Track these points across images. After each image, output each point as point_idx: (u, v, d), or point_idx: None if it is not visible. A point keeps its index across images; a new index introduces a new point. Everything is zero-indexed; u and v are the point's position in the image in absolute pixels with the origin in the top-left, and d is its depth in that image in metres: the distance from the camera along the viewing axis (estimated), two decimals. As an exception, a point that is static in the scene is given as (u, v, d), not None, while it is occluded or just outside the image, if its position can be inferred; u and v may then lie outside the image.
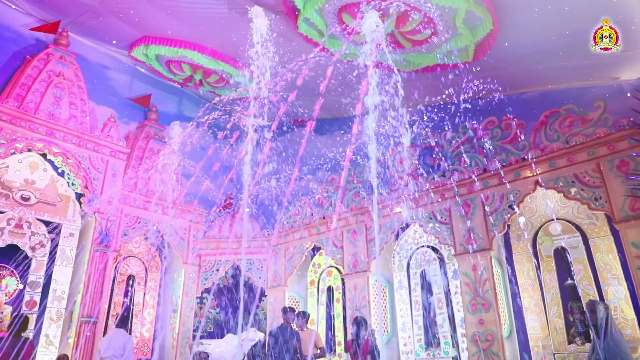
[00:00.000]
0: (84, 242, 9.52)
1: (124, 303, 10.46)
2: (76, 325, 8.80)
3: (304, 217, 10.64)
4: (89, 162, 9.55)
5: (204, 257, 11.27)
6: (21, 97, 8.99)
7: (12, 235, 8.82)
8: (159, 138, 11.38)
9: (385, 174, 9.47)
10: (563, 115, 7.39)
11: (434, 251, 8.91)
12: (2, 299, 8.68)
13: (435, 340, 8.44)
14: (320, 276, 10.69)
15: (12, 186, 9.04)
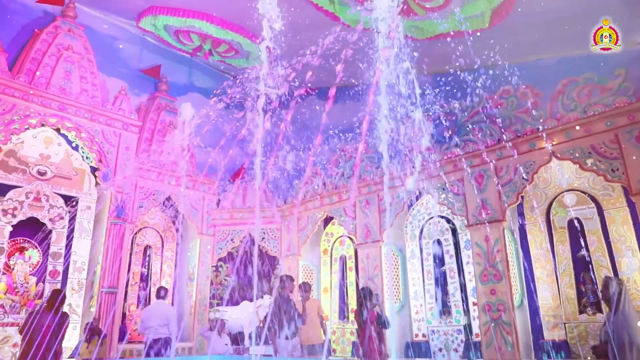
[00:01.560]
0: (101, 215, 9.71)
1: (142, 273, 10.75)
2: (97, 295, 9.11)
3: (317, 187, 10.68)
4: (102, 136, 9.61)
5: (219, 227, 11.45)
6: (32, 72, 8.99)
7: (32, 209, 9.03)
8: (170, 109, 11.36)
9: (398, 144, 9.38)
10: (582, 84, 7.17)
11: (446, 221, 8.92)
12: (26, 270, 8.98)
13: (447, 308, 8.57)
14: (333, 245, 10.82)
15: (28, 161, 9.18)
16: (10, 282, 8.72)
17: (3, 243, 8.60)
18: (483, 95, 8.23)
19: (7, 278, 8.69)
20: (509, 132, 7.69)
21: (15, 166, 9.02)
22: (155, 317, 7.39)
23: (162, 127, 11.13)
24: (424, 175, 8.67)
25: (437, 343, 8.42)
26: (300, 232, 10.78)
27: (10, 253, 8.81)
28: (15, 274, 8.80)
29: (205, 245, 11.12)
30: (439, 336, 8.44)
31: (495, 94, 8.09)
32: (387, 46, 6.44)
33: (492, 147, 7.86)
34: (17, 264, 8.87)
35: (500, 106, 7.96)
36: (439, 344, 8.39)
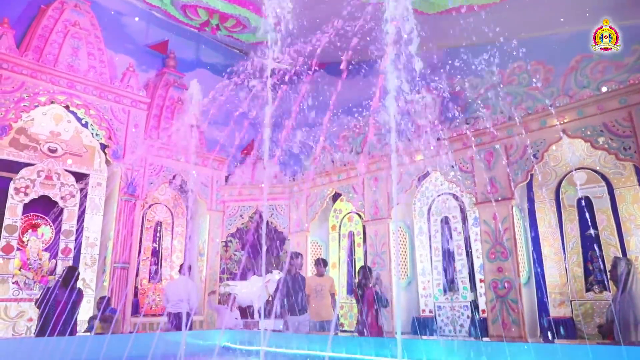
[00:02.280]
0: (112, 191, 9.82)
1: (153, 248, 10.93)
2: (109, 269, 9.30)
3: (325, 164, 10.68)
4: (111, 113, 9.63)
5: (228, 204, 11.54)
6: (39, 49, 8.97)
7: (43, 187, 9.15)
8: (178, 85, 11.32)
9: (407, 121, 9.30)
10: (596, 60, 7.00)
11: (454, 199, 8.91)
12: (39, 246, 9.17)
13: (454, 285, 8.64)
14: (342, 221, 10.88)
15: (38, 139, 9.25)
16: (24, 258, 8.93)
17: (16, 221, 8.76)
18: (494, 71, 8.09)
19: (21, 254, 8.89)
20: (520, 109, 7.58)
21: (26, 144, 9.11)
22: (176, 292, 7.66)
23: (171, 103, 11.11)
24: (432, 152, 8.62)
25: (444, 319, 8.53)
26: (308, 209, 10.84)
27: (24, 229, 8.99)
28: (28, 250, 9.00)
29: (214, 221, 11.25)
30: (445, 312, 8.55)
31: (506, 71, 7.94)
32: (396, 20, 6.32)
33: (502, 125, 7.76)
34: (30, 240, 9.06)
35: (511, 83, 7.82)
36: (445, 319, 8.50)
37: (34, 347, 4.94)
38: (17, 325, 8.42)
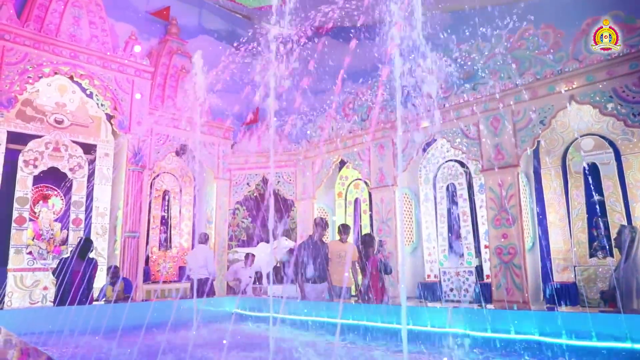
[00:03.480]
0: (119, 162, 9.90)
1: (162, 217, 11.11)
2: (120, 238, 9.50)
3: (331, 131, 10.65)
4: (115, 83, 9.58)
5: (234, 172, 11.62)
6: (40, 19, 8.85)
7: (52, 158, 9.23)
8: (181, 53, 11.19)
9: (413, 87, 9.19)
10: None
11: (460, 165, 8.91)
12: (51, 217, 9.34)
13: (459, 251, 8.77)
14: (348, 188, 10.95)
15: (45, 110, 9.26)
16: (36, 228, 9.12)
17: (27, 193, 8.89)
18: (502, 35, 7.92)
19: (34, 225, 9.08)
20: (528, 74, 7.46)
21: (32, 115, 9.13)
22: (195, 260, 8.00)
23: (175, 71, 11.02)
24: (438, 119, 8.57)
25: (448, 284, 8.70)
26: (315, 176, 10.90)
27: (35, 201, 9.14)
28: (40, 221, 9.18)
29: (221, 189, 11.36)
30: (450, 277, 8.71)
31: (515, 35, 7.76)
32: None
33: (508, 91, 7.66)
34: (41, 211, 9.22)
35: (519, 47, 7.66)
36: (450, 284, 8.67)
37: (55, 316, 5.14)
38: (32, 293, 8.69)
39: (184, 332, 5.33)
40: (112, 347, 4.03)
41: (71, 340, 4.39)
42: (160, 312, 5.83)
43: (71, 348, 4.10)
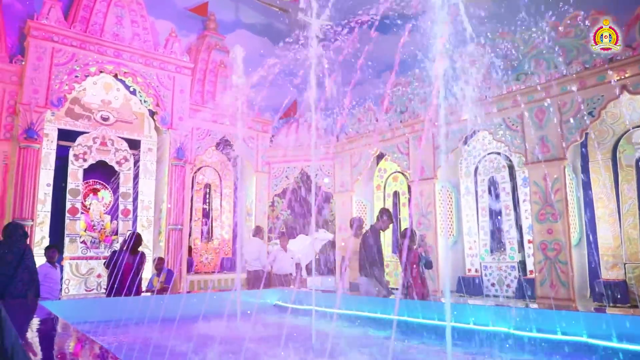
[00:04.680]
0: (162, 156, 10.20)
1: (203, 209, 11.38)
2: (164, 231, 9.81)
3: (369, 123, 10.59)
4: (156, 80, 9.83)
5: (273, 165, 11.75)
6: (86, 20, 9.16)
7: (100, 152, 9.62)
8: (220, 48, 11.35)
9: (454, 78, 9.00)
10: (663, 7, 6.46)
11: (503, 158, 8.69)
12: (101, 209, 9.75)
13: (501, 245, 8.60)
14: (387, 181, 10.88)
15: (92, 108, 9.63)
16: (88, 220, 9.54)
17: (78, 185, 9.31)
18: (547, 23, 7.61)
19: (85, 217, 9.50)
20: (576, 63, 7.16)
21: (80, 113, 9.52)
22: (249, 252, 8.36)
23: (214, 67, 11.19)
24: (480, 110, 8.36)
25: (490, 278, 8.56)
26: (353, 169, 10.89)
27: (85, 194, 9.56)
28: (91, 213, 9.60)
29: (260, 182, 11.52)
30: (492, 272, 8.56)
31: (562, 21, 7.45)
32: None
33: (555, 81, 7.38)
34: (92, 204, 9.64)
35: (567, 35, 7.35)
36: (492, 279, 8.52)
37: (108, 306, 5.39)
38: (87, 281, 9.14)
39: (228, 323, 5.46)
40: (161, 337, 4.19)
41: (123, 330, 4.60)
42: (204, 303, 5.99)
43: (123, 337, 4.30)
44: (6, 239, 5.60)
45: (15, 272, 5.42)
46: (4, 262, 5.41)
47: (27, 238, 5.94)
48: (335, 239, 11.20)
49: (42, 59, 8.38)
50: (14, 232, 5.63)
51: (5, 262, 5.40)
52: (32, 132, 8.08)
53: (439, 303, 4.93)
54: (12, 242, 5.55)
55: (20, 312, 4.07)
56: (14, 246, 5.53)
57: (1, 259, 5.41)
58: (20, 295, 5.45)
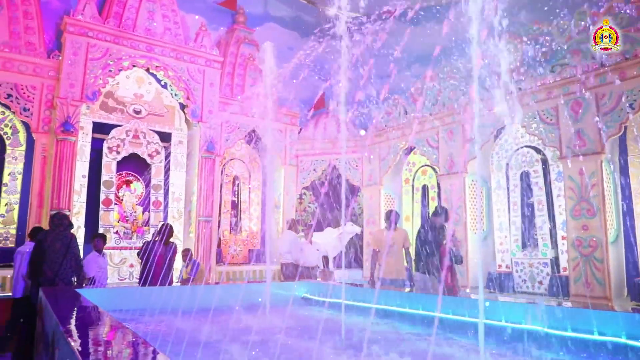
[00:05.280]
0: (193, 149, 10.35)
1: (232, 202, 11.51)
2: (194, 222, 9.98)
3: (398, 116, 10.48)
4: (187, 73, 9.96)
5: (301, 158, 11.79)
6: (119, 15, 9.33)
7: (132, 145, 9.84)
8: (249, 42, 11.40)
9: (486, 69, 8.79)
10: None
11: (536, 152, 8.48)
12: (133, 200, 9.99)
13: (533, 241, 8.41)
14: (415, 175, 10.77)
15: (124, 101, 9.84)
16: (121, 211, 9.79)
17: (112, 177, 9.56)
18: (586, 11, 7.35)
19: (119, 208, 9.75)
20: (615, 54, 6.90)
21: (114, 106, 9.74)
22: (282, 246, 8.53)
23: (243, 60, 11.26)
24: (513, 103, 8.16)
25: (521, 275, 8.39)
26: (381, 162, 10.82)
27: (119, 186, 9.80)
28: (124, 204, 9.84)
29: (289, 175, 11.58)
30: (523, 268, 8.38)
31: (601, 10, 7.18)
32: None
33: (592, 72, 7.13)
34: (125, 195, 9.88)
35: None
36: (523, 275, 8.35)
37: (141, 295, 5.53)
38: (120, 270, 9.39)
39: (258, 314, 5.52)
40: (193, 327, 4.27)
41: (157, 319, 4.71)
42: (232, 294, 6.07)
43: (157, 326, 4.40)
44: (54, 228, 5.90)
45: (63, 259, 5.72)
46: (54, 251, 5.71)
47: (72, 228, 6.23)
48: (363, 232, 11.17)
49: (77, 54, 8.60)
50: (61, 222, 5.93)
51: (54, 251, 5.70)
52: (68, 125, 8.31)
53: (470, 299, 4.87)
54: (60, 232, 5.85)
55: (59, 300, 4.22)
56: (61, 235, 5.83)
57: (51, 248, 5.69)
58: (67, 281, 5.72)
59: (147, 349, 2.17)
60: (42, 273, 5.66)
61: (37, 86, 8.49)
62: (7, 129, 8.57)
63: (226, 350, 3.44)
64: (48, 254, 5.71)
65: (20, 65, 8.33)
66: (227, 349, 3.46)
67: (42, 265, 5.67)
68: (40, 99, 8.50)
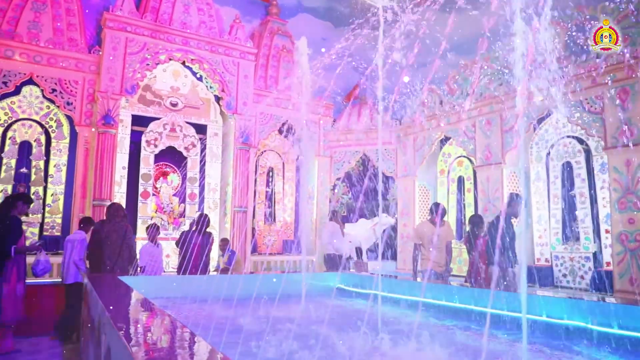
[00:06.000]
0: (228, 141, 10.48)
1: (266, 192, 11.63)
2: (230, 212, 10.13)
3: (433, 107, 10.30)
4: (222, 66, 10.06)
5: (335, 149, 11.77)
6: (155, 10, 9.50)
7: (169, 138, 10.05)
8: (282, 33, 11.42)
9: (525, 57, 8.51)
10: None
11: (579, 142, 8.18)
12: (170, 192, 10.22)
13: (574, 234, 8.13)
14: (451, 166, 10.59)
15: (161, 94, 10.05)
16: (158, 202, 10.04)
17: (150, 170, 9.80)
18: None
19: (156, 199, 10.00)
20: (667, 38, 6.55)
21: (151, 99, 9.96)
22: (324, 237, 8.73)
23: (276, 52, 11.30)
24: (554, 91, 7.87)
25: (561, 269, 8.14)
26: (416, 153, 10.67)
27: (156, 177, 10.05)
28: (161, 195, 10.09)
29: (322, 166, 11.59)
30: (564, 262, 8.14)
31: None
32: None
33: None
34: (162, 187, 10.12)
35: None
36: (564, 270, 8.11)
37: (180, 283, 5.68)
38: (157, 260, 9.65)
39: (293, 304, 5.57)
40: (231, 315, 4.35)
41: (195, 306, 4.82)
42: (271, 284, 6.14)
43: (194, 314, 4.51)
44: (110, 219, 6.13)
45: (120, 250, 5.96)
46: (111, 242, 5.94)
47: (127, 219, 6.44)
48: (397, 224, 11.09)
49: (117, 49, 8.82)
50: (116, 213, 6.16)
51: (111, 242, 5.94)
52: (109, 118, 8.56)
53: (509, 293, 4.76)
54: (116, 223, 6.08)
55: (104, 287, 4.37)
56: (117, 226, 6.05)
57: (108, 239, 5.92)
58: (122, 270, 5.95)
59: (191, 336, 2.22)
60: (102, 263, 5.90)
61: (79, 81, 8.76)
62: (52, 122, 8.90)
63: (264, 339, 3.48)
64: (106, 245, 5.94)
65: (63, 61, 8.61)
66: (266, 338, 3.50)
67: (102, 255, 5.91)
68: (82, 93, 8.77)
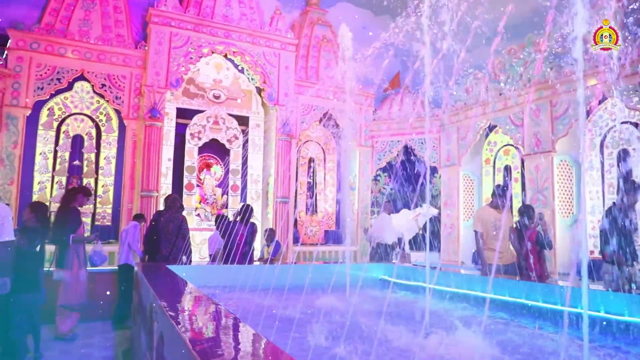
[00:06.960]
0: (269, 132, 10.55)
1: (308, 183, 11.66)
2: (272, 203, 10.22)
3: (479, 94, 9.99)
4: (263, 58, 10.11)
5: (376, 139, 11.64)
6: (198, 4, 9.63)
7: (212, 131, 10.21)
8: (322, 23, 11.34)
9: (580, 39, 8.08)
10: None
11: (636, 128, 7.73)
12: (213, 183, 10.41)
13: (632, 225, 7.70)
14: (497, 155, 10.26)
15: (205, 87, 10.21)
16: (202, 193, 10.25)
17: (194, 162, 10.01)
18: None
19: (200, 190, 10.22)
20: None
21: (195, 92, 10.14)
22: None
23: (316, 42, 11.24)
24: (611, 75, 7.45)
25: (618, 261, 7.75)
26: (460, 141, 10.41)
27: (200, 169, 10.25)
28: (205, 187, 10.29)
29: (364, 156, 11.50)
30: (620, 254, 7.73)
31: None
32: None
33: None
34: (205, 178, 10.32)
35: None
36: (620, 262, 7.71)
37: (224, 273, 5.78)
38: (201, 250, 9.87)
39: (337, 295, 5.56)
40: (274, 305, 4.37)
41: (237, 295, 4.89)
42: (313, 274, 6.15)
43: (241, 302, 4.57)
44: (167, 210, 6.34)
45: (176, 240, 6.16)
46: (167, 231, 6.15)
47: (183, 209, 6.65)
48: (440, 214, 10.88)
49: (162, 44, 9.01)
50: (173, 204, 6.37)
51: (168, 231, 6.14)
52: (155, 112, 8.78)
53: (564, 287, 4.56)
54: (172, 213, 6.29)
55: (154, 275, 4.50)
56: (173, 217, 6.26)
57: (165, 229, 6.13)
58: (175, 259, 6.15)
59: (238, 324, 2.24)
60: (159, 251, 6.10)
61: (127, 75, 9.02)
62: (102, 116, 9.22)
63: (309, 330, 3.48)
64: (162, 234, 6.14)
65: (112, 57, 8.88)
66: (310, 330, 3.50)
67: (159, 244, 6.12)
68: (130, 88, 9.03)
